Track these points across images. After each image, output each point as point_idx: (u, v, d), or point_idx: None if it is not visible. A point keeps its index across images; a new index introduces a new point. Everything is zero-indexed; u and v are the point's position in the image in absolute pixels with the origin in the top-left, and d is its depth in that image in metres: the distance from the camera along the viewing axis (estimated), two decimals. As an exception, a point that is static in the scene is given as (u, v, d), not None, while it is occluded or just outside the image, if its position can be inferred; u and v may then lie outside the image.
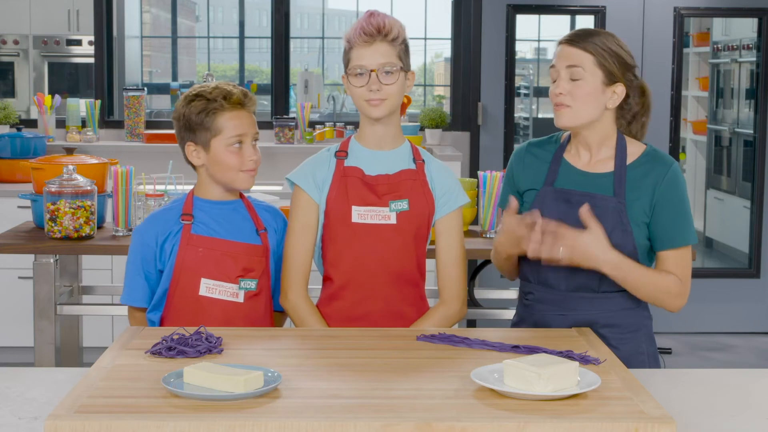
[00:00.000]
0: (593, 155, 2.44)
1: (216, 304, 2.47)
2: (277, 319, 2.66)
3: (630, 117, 2.47)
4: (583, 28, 2.47)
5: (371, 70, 2.45)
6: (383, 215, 2.51)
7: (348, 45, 2.49)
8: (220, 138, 2.47)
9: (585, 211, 2.28)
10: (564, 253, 2.27)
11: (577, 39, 2.38)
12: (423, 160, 2.58)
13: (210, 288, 2.47)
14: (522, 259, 2.48)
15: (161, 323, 2.51)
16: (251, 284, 2.50)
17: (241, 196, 2.59)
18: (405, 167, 2.56)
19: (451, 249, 2.58)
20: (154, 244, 2.50)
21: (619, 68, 2.38)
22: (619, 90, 2.39)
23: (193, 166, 2.56)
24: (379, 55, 2.46)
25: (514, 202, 2.37)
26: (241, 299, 2.49)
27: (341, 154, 2.55)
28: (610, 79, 2.38)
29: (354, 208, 2.50)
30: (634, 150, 2.44)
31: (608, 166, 2.43)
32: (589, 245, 2.27)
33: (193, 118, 2.47)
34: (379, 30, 2.45)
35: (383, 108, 2.47)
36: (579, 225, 2.35)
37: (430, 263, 2.62)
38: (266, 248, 2.54)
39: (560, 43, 2.42)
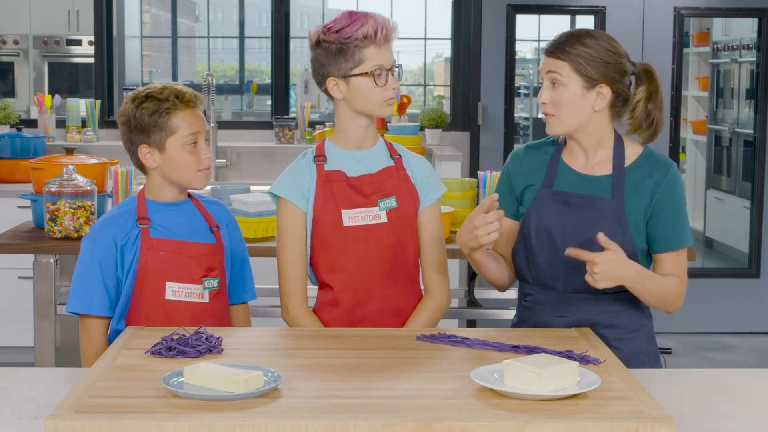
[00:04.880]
0: (590, 157, 2.44)
1: (183, 307, 2.46)
2: (240, 312, 2.64)
3: (642, 121, 2.43)
4: (566, 32, 2.42)
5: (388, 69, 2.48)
6: (374, 215, 2.51)
7: (364, 42, 2.45)
8: (176, 137, 2.44)
9: (602, 237, 2.21)
10: (596, 280, 2.22)
11: (553, 48, 2.38)
12: (400, 155, 2.59)
13: (176, 291, 2.45)
14: (519, 260, 2.48)
15: None
16: (214, 283, 2.49)
17: (189, 194, 2.57)
18: (385, 165, 2.55)
19: (434, 240, 2.58)
20: (114, 248, 2.44)
21: (598, 71, 2.35)
22: (605, 91, 2.37)
23: (143, 170, 2.51)
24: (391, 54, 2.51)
25: (496, 202, 2.28)
26: (206, 299, 2.48)
27: (320, 159, 2.54)
28: (591, 83, 2.36)
29: (344, 211, 2.49)
30: (632, 152, 2.44)
31: (606, 169, 2.43)
32: (613, 267, 2.22)
33: (146, 119, 2.43)
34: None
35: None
36: (577, 226, 2.36)
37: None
38: (221, 245, 2.54)
39: (543, 51, 2.44)
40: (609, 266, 2.21)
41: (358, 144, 2.54)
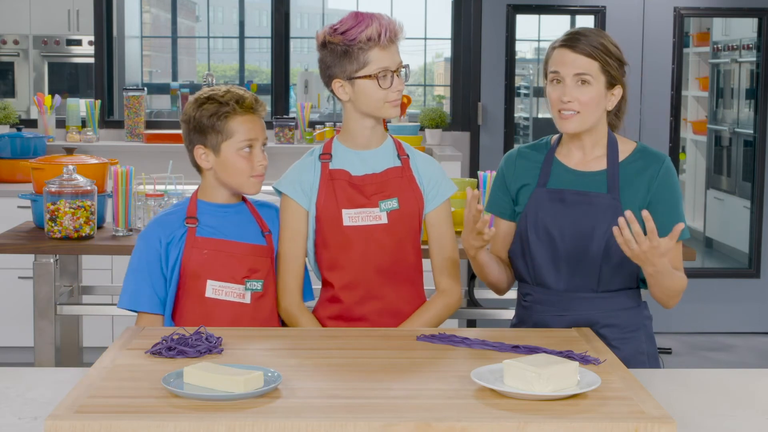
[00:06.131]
0: (586, 155, 2.45)
1: (223, 306, 2.47)
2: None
3: (616, 110, 2.48)
4: (575, 29, 2.43)
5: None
6: (374, 216, 2.50)
7: (368, 45, 2.45)
8: (231, 142, 2.46)
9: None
10: (634, 251, 2.17)
11: (579, 44, 2.36)
12: (407, 155, 2.58)
13: (216, 290, 2.47)
14: (518, 260, 2.48)
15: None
16: (257, 285, 2.50)
17: (243, 198, 2.59)
18: (391, 165, 2.55)
19: (444, 240, 2.58)
20: (159, 245, 2.47)
21: (617, 71, 2.39)
22: (617, 92, 2.41)
23: (199, 170, 2.54)
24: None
25: (475, 191, 2.25)
26: (247, 300, 2.49)
27: (325, 157, 2.54)
28: (611, 83, 2.39)
29: (344, 211, 2.49)
30: (626, 147, 2.45)
31: (601, 164, 2.43)
32: (659, 258, 2.19)
33: (204, 121, 2.46)
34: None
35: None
36: (575, 223, 2.36)
37: (425, 262, 2.61)
38: (270, 249, 2.54)
39: (559, 46, 2.39)
40: (657, 255, 2.16)
41: (365, 144, 2.54)
